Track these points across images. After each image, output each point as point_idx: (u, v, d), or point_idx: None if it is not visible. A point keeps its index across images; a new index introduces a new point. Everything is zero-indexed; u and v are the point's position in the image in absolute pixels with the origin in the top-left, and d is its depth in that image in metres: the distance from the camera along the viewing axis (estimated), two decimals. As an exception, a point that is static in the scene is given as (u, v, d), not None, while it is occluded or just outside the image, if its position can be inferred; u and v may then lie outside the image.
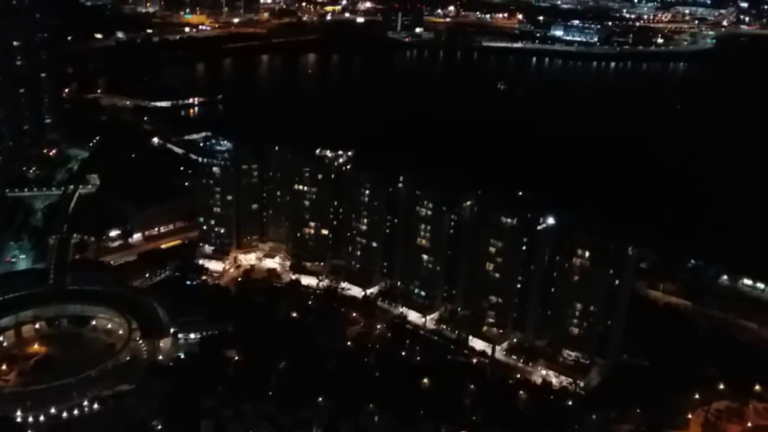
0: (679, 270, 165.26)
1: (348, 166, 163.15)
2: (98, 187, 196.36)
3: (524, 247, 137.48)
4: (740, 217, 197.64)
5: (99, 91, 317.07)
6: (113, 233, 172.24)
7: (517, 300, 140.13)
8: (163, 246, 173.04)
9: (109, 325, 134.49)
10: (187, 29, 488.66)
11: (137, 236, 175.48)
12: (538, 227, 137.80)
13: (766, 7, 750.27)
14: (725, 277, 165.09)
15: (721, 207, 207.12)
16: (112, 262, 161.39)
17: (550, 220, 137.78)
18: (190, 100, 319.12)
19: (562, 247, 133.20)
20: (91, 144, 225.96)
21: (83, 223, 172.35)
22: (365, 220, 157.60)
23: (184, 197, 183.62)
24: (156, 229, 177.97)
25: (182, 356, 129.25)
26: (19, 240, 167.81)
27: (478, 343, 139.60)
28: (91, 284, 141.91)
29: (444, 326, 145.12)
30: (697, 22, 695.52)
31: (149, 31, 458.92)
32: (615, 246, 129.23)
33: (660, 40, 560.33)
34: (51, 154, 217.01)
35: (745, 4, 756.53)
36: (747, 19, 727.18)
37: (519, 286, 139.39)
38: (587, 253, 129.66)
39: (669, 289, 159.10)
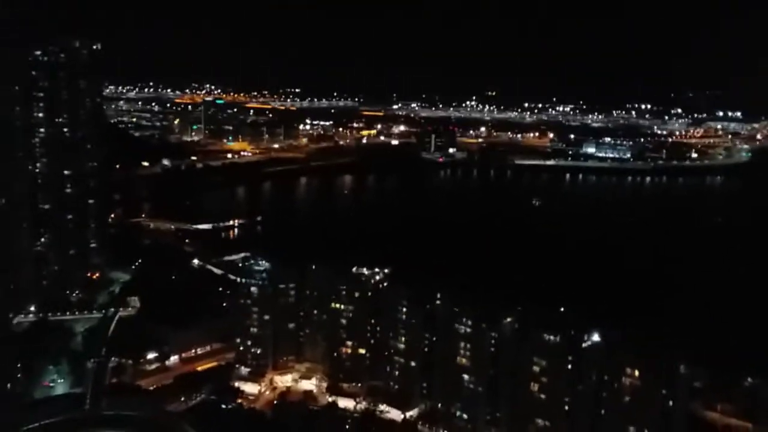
0: (737, 389, 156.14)
1: (385, 284, 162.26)
2: (138, 310, 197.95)
3: (570, 367, 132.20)
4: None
5: (143, 215, 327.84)
6: (150, 356, 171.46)
7: (566, 424, 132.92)
8: (199, 368, 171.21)
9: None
10: (229, 155, 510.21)
11: (174, 358, 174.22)
12: (583, 345, 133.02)
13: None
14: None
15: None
16: (149, 386, 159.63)
17: (595, 338, 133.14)
18: (230, 222, 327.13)
19: (610, 366, 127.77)
20: (133, 267, 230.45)
21: (122, 346, 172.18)
22: (403, 339, 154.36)
23: (221, 318, 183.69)
24: (193, 350, 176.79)
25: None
26: (58, 364, 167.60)
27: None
28: (127, 409, 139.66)
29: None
30: (730, 136, 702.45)
31: (193, 158, 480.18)
32: (666, 364, 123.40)
33: (694, 155, 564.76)
34: (94, 277, 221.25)
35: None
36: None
37: (567, 408, 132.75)
38: (637, 372, 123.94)
39: (727, 410, 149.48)
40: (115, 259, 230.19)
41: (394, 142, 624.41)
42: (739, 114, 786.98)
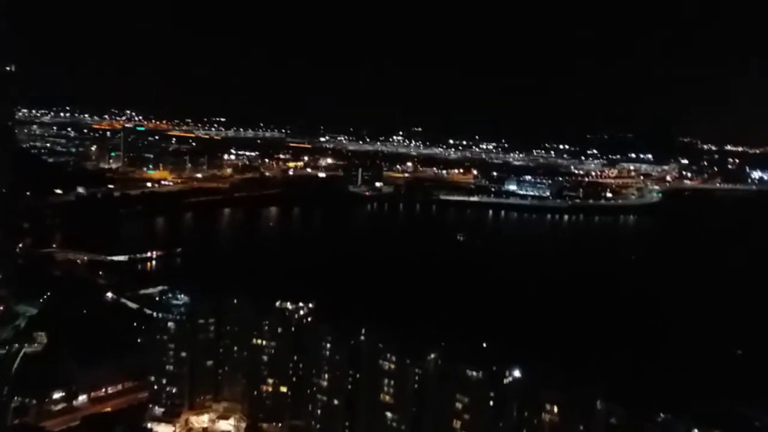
0: (650, 424, 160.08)
1: (308, 319, 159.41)
2: (44, 346, 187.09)
3: (491, 403, 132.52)
4: (707, 367, 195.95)
5: (54, 245, 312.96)
6: (57, 395, 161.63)
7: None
8: (109, 408, 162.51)
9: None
10: (149, 184, 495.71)
11: (83, 398, 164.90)
12: (505, 380, 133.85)
13: (705, 163, 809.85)
14: (695, 431, 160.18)
15: (686, 357, 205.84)
16: (54, 428, 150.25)
17: (516, 373, 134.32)
18: (148, 254, 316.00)
19: (530, 401, 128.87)
20: (41, 300, 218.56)
21: (25, 384, 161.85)
22: (326, 376, 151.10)
23: (135, 355, 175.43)
24: (103, 389, 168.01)
25: None
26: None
27: None
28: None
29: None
30: (642, 177, 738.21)
31: (110, 186, 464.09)
32: (584, 400, 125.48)
33: (609, 194, 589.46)
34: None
35: (685, 161, 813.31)
36: (689, 174, 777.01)
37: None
38: (555, 408, 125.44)
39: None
40: (21, 291, 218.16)
41: (321, 174, 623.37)
42: (650, 156, 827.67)
